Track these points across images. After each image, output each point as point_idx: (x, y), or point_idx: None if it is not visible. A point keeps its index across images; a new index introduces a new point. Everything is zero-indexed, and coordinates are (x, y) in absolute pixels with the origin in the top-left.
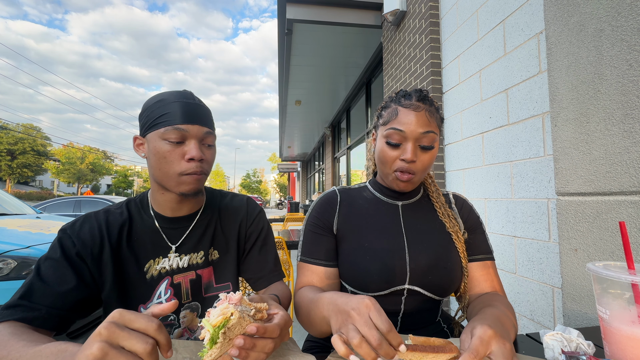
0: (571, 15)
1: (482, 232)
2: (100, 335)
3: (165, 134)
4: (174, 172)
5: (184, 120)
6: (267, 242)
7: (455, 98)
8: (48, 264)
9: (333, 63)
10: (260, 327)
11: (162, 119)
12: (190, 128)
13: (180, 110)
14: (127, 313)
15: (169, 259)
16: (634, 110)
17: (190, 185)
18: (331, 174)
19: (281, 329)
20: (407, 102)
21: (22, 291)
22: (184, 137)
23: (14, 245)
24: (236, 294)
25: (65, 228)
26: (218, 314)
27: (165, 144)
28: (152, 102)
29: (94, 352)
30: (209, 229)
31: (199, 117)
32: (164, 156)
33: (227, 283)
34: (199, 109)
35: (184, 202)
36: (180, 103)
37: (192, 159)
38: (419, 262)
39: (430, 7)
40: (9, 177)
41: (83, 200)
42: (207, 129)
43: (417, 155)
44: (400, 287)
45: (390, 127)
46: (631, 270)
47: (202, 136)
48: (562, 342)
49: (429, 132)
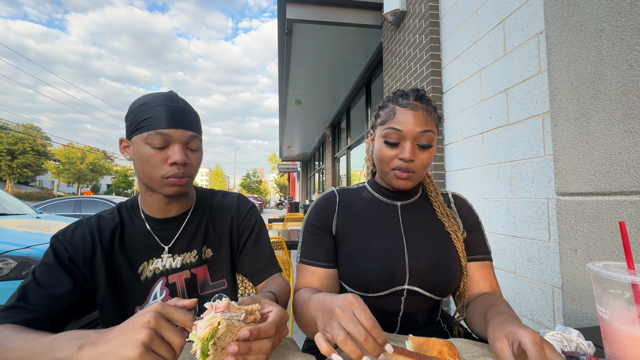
0: (571, 15)
1: (481, 233)
2: (149, 324)
3: (148, 138)
4: (157, 176)
5: (167, 124)
6: (261, 237)
7: (455, 98)
8: (43, 268)
9: (333, 63)
10: (254, 329)
11: (145, 123)
12: (173, 133)
13: (164, 115)
14: (167, 306)
15: (162, 260)
16: (634, 110)
17: (174, 188)
18: (331, 174)
19: (277, 326)
20: (405, 101)
21: (19, 294)
22: (168, 142)
23: (14, 245)
24: (222, 300)
25: (58, 234)
26: (205, 325)
27: (148, 148)
28: (136, 105)
29: (144, 338)
30: (200, 228)
31: (183, 121)
32: (147, 160)
33: (222, 280)
34: (183, 113)
35: (172, 203)
36: (165, 107)
37: (175, 163)
38: (419, 263)
39: (430, 7)
40: (9, 177)
41: (83, 200)
42: (191, 133)
43: (416, 154)
44: (400, 288)
45: (388, 127)
46: (631, 270)
47: (186, 140)
48: (562, 342)
49: (427, 131)
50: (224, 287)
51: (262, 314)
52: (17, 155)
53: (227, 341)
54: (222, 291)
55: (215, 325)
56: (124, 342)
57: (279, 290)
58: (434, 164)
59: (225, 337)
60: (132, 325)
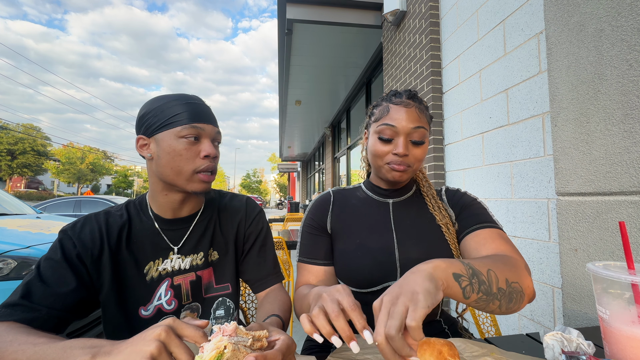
0: (571, 15)
1: (480, 207)
2: (159, 336)
3: (182, 131)
4: (188, 170)
5: (200, 119)
6: (266, 243)
7: (455, 98)
8: (48, 264)
9: (333, 63)
10: (259, 357)
11: (176, 118)
12: (205, 127)
13: (195, 110)
14: (179, 322)
15: (170, 260)
16: (634, 111)
17: (202, 184)
18: (331, 174)
19: (283, 354)
20: (398, 99)
21: (22, 291)
22: (200, 135)
23: (14, 245)
24: (230, 324)
25: (66, 229)
26: (212, 349)
27: (181, 142)
28: (160, 103)
29: (152, 350)
30: (208, 230)
31: (210, 117)
32: (180, 154)
33: (226, 284)
34: (209, 110)
35: (186, 202)
36: (193, 104)
37: (207, 156)
38: (409, 258)
39: (430, 7)
40: (9, 177)
41: (83, 200)
42: (217, 129)
43: (409, 150)
44: (392, 282)
45: (382, 123)
46: (631, 270)
47: (214, 135)
48: (562, 342)
49: (420, 127)
50: (227, 291)
51: (270, 341)
52: (17, 155)
53: None
54: (226, 295)
55: (222, 349)
56: (133, 353)
57: (282, 309)
58: (434, 164)
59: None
60: (144, 338)
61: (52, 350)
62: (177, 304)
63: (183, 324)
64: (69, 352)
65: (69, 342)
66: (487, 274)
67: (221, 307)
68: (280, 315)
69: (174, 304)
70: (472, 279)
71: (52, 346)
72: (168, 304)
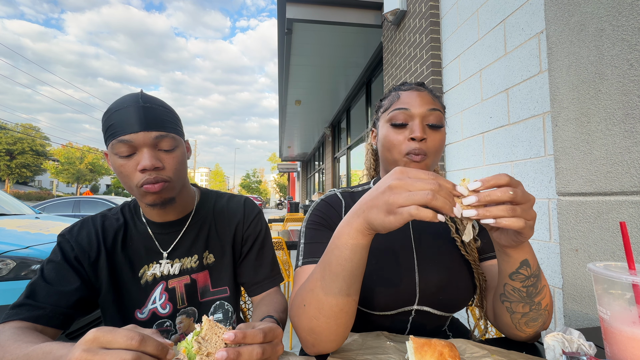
0: (572, 14)
1: None
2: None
3: (113, 148)
4: (132, 185)
5: (126, 130)
6: (265, 246)
7: (456, 98)
8: (50, 266)
9: (333, 63)
10: (239, 332)
11: (109, 132)
12: (134, 137)
13: (122, 120)
14: (103, 334)
15: (160, 265)
16: (634, 110)
17: (151, 196)
18: (331, 174)
19: (265, 333)
20: (408, 86)
21: (27, 292)
22: (134, 148)
23: (13, 245)
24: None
25: (64, 233)
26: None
27: (117, 159)
28: (105, 116)
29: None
30: (202, 232)
31: (145, 122)
32: (119, 171)
33: (224, 287)
34: (145, 113)
35: (166, 208)
36: (123, 111)
37: (144, 170)
38: (429, 282)
39: (431, 6)
40: (7, 177)
41: (82, 200)
42: (157, 133)
43: (427, 133)
44: (409, 308)
45: (394, 109)
46: (632, 271)
47: (152, 142)
48: (563, 343)
49: (435, 110)
50: (225, 294)
51: None
52: (15, 155)
53: (214, 346)
54: (224, 299)
55: (200, 330)
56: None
57: (277, 310)
58: None
59: (211, 341)
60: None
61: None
62: (171, 307)
63: (109, 334)
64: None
65: (31, 349)
66: (542, 285)
67: (219, 310)
68: (275, 316)
69: (168, 308)
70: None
71: (18, 353)
72: (162, 307)
